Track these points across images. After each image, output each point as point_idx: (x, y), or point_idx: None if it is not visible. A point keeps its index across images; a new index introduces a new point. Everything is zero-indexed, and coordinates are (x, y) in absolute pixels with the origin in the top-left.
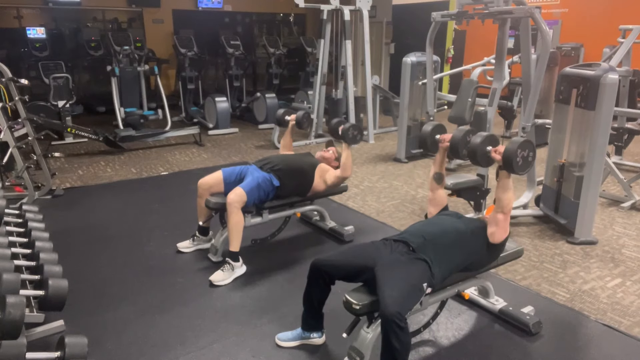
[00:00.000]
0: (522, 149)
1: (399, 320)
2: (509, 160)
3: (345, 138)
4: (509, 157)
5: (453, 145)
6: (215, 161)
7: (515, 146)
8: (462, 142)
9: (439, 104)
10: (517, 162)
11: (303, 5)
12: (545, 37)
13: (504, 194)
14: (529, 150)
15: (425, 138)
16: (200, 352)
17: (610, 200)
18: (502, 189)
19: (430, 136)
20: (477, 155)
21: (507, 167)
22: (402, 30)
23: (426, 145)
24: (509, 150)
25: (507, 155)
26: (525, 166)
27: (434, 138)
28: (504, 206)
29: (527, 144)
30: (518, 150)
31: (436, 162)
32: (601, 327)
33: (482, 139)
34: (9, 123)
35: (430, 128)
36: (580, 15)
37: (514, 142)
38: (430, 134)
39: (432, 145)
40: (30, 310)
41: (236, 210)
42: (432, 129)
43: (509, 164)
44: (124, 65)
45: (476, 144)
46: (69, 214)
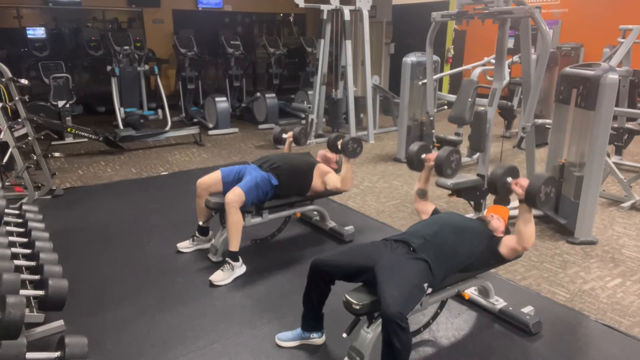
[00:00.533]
0: (546, 185)
1: (400, 320)
2: (532, 196)
3: (345, 151)
4: (532, 193)
5: (437, 165)
6: (215, 161)
7: (540, 182)
8: (446, 161)
9: (439, 104)
10: (540, 199)
11: (303, 5)
12: (545, 37)
13: (525, 227)
14: (552, 187)
15: (412, 157)
16: (200, 352)
17: (610, 200)
18: (523, 222)
19: (417, 156)
20: (496, 186)
21: (529, 202)
22: (402, 30)
23: (413, 164)
24: (532, 186)
25: (531, 191)
26: (547, 202)
27: (420, 157)
28: (524, 240)
29: (551, 180)
30: (542, 187)
31: (421, 179)
32: (601, 327)
33: (503, 170)
34: (9, 123)
35: (416, 148)
36: (580, 15)
37: (538, 178)
38: (417, 153)
39: (418, 164)
40: (30, 310)
41: (235, 210)
42: (418, 149)
43: (531, 200)
44: (124, 65)
45: (496, 175)
46: (69, 214)
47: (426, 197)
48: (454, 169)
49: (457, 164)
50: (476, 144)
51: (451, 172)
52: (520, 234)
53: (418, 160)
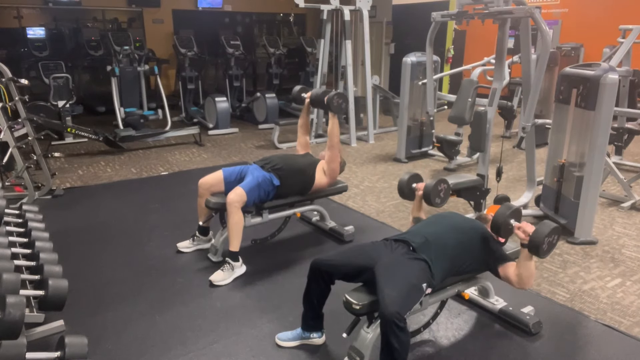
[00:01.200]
0: (550, 236)
1: (398, 320)
2: (535, 246)
3: (330, 107)
4: (537, 243)
5: (426, 194)
6: (215, 161)
7: (545, 232)
8: (434, 190)
9: (439, 104)
10: (544, 248)
11: (303, 5)
12: (545, 37)
13: (525, 270)
14: (555, 236)
15: (402, 187)
16: (200, 352)
17: (610, 200)
18: (523, 267)
19: (407, 185)
20: (500, 228)
21: (532, 250)
22: (402, 30)
23: (404, 194)
24: (537, 235)
25: (535, 240)
26: (549, 250)
27: (411, 186)
28: (523, 283)
29: (555, 231)
30: (546, 238)
31: (414, 208)
32: (601, 327)
33: (509, 212)
34: (9, 123)
35: (406, 178)
36: (580, 15)
37: (544, 227)
38: (407, 183)
39: (409, 193)
40: (30, 310)
41: (236, 210)
42: (408, 179)
43: (535, 248)
44: (124, 65)
45: (501, 215)
46: (69, 214)
47: None
48: (443, 197)
49: (445, 192)
50: (476, 144)
51: (440, 200)
52: (520, 277)
53: (409, 189)
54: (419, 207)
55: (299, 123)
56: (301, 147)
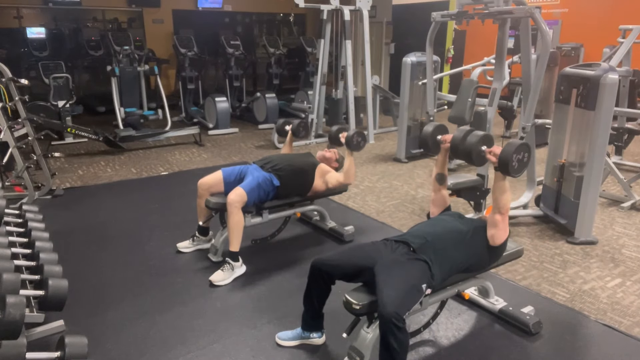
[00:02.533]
0: (518, 152)
1: (396, 320)
2: (504, 163)
3: (349, 146)
4: (505, 160)
5: (453, 146)
6: (215, 161)
7: (512, 149)
8: (462, 142)
9: (439, 104)
10: (513, 166)
11: (303, 5)
12: (545, 37)
13: (500, 195)
14: (524, 153)
15: (426, 138)
16: (200, 352)
17: (610, 200)
18: (498, 191)
19: (432, 137)
20: (472, 155)
21: (503, 169)
22: (402, 30)
23: (427, 146)
24: (504, 153)
25: (503, 158)
26: (520, 169)
27: (436, 138)
28: (501, 207)
29: (523, 147)
30: (514, 155)
31: (438, 163)
32: (601, 327)
33: (478, 138)
34: (9, 123)
35: (431, 129)
36: (580, 15)
37: (510, 145)
38: (432, 134)
39: (433, 146)
40: (30, 310)
41: (236, 210)
42: (434, 130)
43: (504, 167)
44: (124, 65)
45: (471, 144)
46: (69, 214)
47: (445, 183)
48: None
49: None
50: None
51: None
52: (497, 201)
53: (433, 141)
54: (444, 162)
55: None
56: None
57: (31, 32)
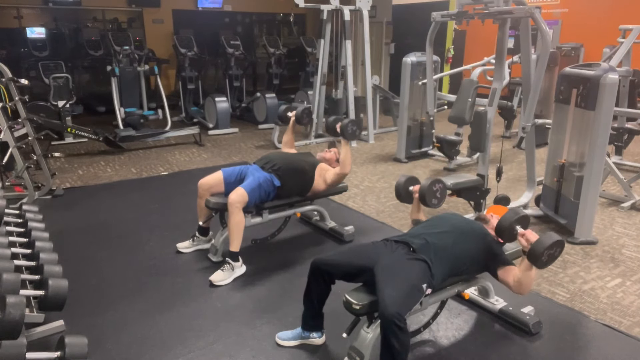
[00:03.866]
0: (551, 249)
1: (398, 320)
2: (535, 256)
3: (344, 134)
4: (536, 253)
5: (421, 195)
6: (215, 161)
7: (546, 244)
8: (429, 191)
9: (439, 104)
10: (543, 260)
11: (303, 5)
12: (545, 37)
13: (524, 277)
14: (557, 249)
15: (399, 190)
16: (200, 352)
17: (610, 200)
18: (523, 275)
19: (404, 188)
20: (504, 232)
21: (531, 259)
22: (402, 30)
23: (401, 197)
24: (538, 245)
25: (535, 250)
26: (548, 263)
27: (407, 189)
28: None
29: (558, 244)
30: (546, 251)
31: (412, 210)
32: (601, 327)
33: (516, 217)
34: (9, 123)
35: (403, 181)
36: (580, 15)
37: (547, 238)
38: (404, 185)
39: (405, 196)
40: (30, 310)
41: (237, 211)
42: (404, 182)
43: (534, 258)
44: (124, 65)
45: (507, 220)
46: (69, 214)
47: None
48: (440, 198)
49: (441, 192)
50: (476, 144)
51: (437, 201)
52: (519, 283)
53: (405, 192)
54: (418, 209)
55: (283, 140)
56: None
57: (31, 32)
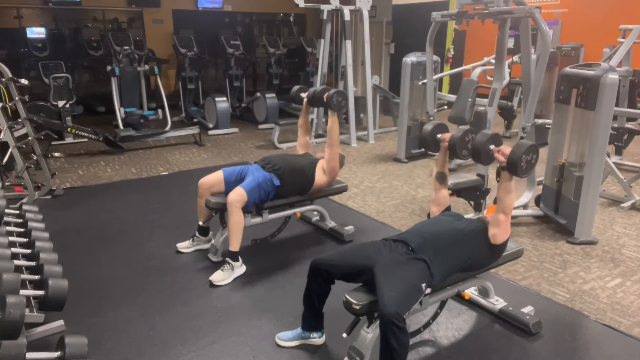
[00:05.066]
0: (527, 154)
1: (397, 320)
2: (513, 164)
3: (330, 104)
4: (514, 161)
5: (451, 145)
6: (215, 161)
7: (522, 150)
8: (460, 141)
9: (439, 104)
10: (522, 166)
11: (303, 5)
12: (545, 37)
13: (506, 195)
14: (533, 154)
15: (426, 137)
16: (200, 352)
17: (610, 200)
18: (504, 190)
19: (431, 135)
20: (480, 154)
21: (511, 170)
22: (402, 30)
23: (427, 144)
24: (514, 153)
25: (512, 158)
26: (528, 170)
27: (435, 137)
28: (505, 207)
29: (532, 148)
30: (523, 156)
31: (438, 162)
32: (601, 327)
33: (487, 137)
34: (9, 123)
35: (431, 127)
36: (580, 15)
37: (520, 146)
38: (431, 133)
39: (432, 144)
40: (30, 310)
41: (236, 210)
42: (433, 128)
43: (513, 167)
44: (124, 65)
45: (480, 142)
46: (69, 214)
47: (446, 182)
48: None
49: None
50: None
51: (467, 153)
52: (501, 201)
53: (432, 139)
54: (444, 161)
55: (298, 123)
56: (301, 147)
57: (31, 32)
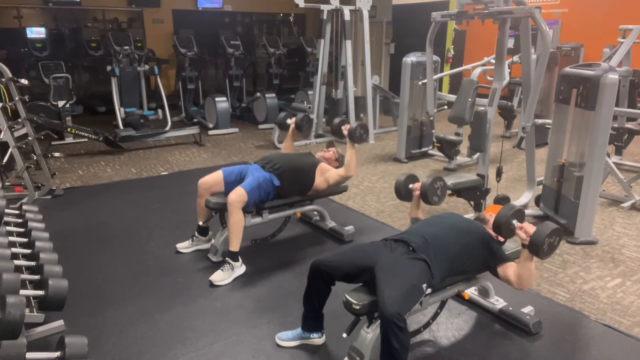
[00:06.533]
0: (551, 237)
1: (398, 320)
2: (536, 246)
3: (352, 138)
4: (537, 243)
5: (423, 192)
6: (215, 161)
7: (545, 233)
8: (430, 188)
9: (439, 104)
10: (544, 249)
11: (303, 5)
12: (545, 37)
13: (524, 271)
14: (556, 237)
15: (399, 188)
16: (200, 352)
17: (610, 200)
18: (524, 268)
19: (404, 186)
20: (501, 227)
21: (532, 251)
22: (402, 30)
23: (401, 195)
24: (538, 235)
25: (536, 240)
26: (550, 252)
27: (408, 187)
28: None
29: (556, 232)
30: (547, 239)
31: (412, 208)
32: (601, 327)
33: (511, 212)
34: (9, 123)
35: (403, 179)
36: (580, 15)
37: (545, 227)
38: (404, 184)
39: (406, 194)
40: (30, 310)
41: (237, 210)
42: (405, 180)
43: (535, 249)
44: (124, 65)
45: (503, 216)
46: (69, 214)
47: None
48: (440, 195)
49: (442, 190)
50: (476, 144)
51: (437, 199)
52: (520, 278)
53: (405, 190)
54: (417, 207)
55: (282, 147)
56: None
57: (31, 32)
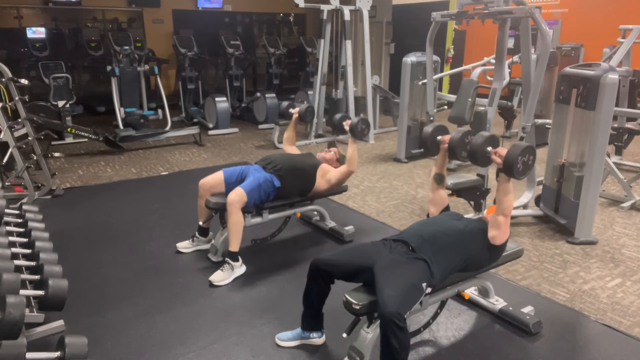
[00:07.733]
0: (523, 155)
1: (397, 320)
2: (509, 165)
3: (354, 133)
4: (510, 162)
5: (451, 147)
6: (215, 161)
7: (517, 151)
8: (459, 143)
9: (439, 104)
10: (518, 168)
11: (303, 5)
12: (545, 37)
13: (504, 196)
14: (529, 155)
15: (426, 139)
16: (200, 352)
17: (610, 200)
18: (502, 192)
19: (431, 137)
20: (477, 155)
21: (507, 171)
22: (402, 30)
23: (427, 147)
24: (510, 155)
25: (508, 160)
26: (525, 171)
27: (435, 139)
28: (504, 209)
29: (528, 150)
30: (519, 157)
31: (437, 163)
32: (601, 327)
33: (483, 139)
34: (9, 123)
35: (431, 129)
36: (580, 15)
37: (516, 147)
38: (431, 135)
39: (432, 146)
40: (30, 310)
41: (236, 211)
42: (433, 130)
43: (509, 168)
44: (124, 65)
45: (477, 144)
46: (69, 214)
47: (444, 183)
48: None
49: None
50: None
51: (466, 154)
52: (500, 203)
53: (432, 141)
54: (443, 163)
55: (284, 136)
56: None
57: (31, 32)
